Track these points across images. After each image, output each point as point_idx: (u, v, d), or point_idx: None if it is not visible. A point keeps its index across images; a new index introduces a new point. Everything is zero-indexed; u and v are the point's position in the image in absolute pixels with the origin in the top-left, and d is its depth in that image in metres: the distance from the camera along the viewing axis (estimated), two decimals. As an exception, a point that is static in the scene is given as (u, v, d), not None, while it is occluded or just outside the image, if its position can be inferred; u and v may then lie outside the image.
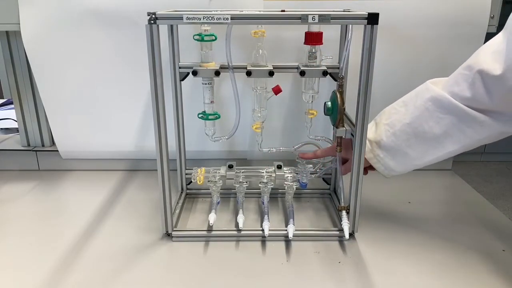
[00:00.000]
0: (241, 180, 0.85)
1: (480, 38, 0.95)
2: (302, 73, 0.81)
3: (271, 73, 0.81)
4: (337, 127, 0.76)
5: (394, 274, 0.69)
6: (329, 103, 0.77)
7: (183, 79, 0.87)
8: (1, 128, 1.28)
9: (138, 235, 0.80)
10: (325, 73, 0.81)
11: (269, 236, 0.76)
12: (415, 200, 0.94)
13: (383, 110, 0.78)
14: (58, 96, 1.02)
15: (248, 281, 0.68)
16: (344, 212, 0.79)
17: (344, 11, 0.75)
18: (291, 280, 0.68)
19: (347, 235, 0.76)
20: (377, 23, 0.65)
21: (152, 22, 0.64)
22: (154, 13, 0.64)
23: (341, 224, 0.77)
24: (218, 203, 0.84)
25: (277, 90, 0.82)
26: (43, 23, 0.94)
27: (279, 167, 0.87)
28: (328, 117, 0.79)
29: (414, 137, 0.72)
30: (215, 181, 0.83)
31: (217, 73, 0.81)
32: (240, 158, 1.07)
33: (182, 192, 0.94)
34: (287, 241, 0.77)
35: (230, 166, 0.88)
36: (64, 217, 0.88)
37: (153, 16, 0.64)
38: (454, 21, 0.94)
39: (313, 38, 0.80)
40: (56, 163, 1.09)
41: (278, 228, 0.79)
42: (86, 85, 1.00)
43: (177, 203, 0.89)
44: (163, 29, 0.77)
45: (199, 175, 0.86)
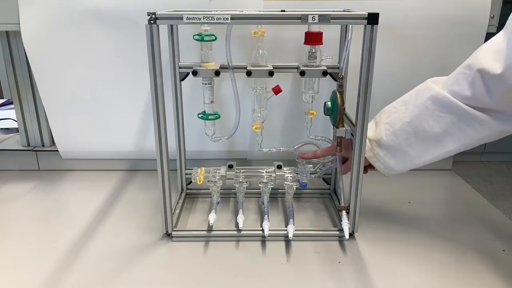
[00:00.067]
0: (241, 180, 0.85)
1: (480, 38, 0.95)
2: (302, 73, 0.81)
3: (271, 73, 0.81)
4: (337, 127, 0.76)
5: (394, 274, 0.69)
6: (329, 103, 0.77)
7: (183, 79, 0.87)
8: (1, 128, 1.28)
9: (138, 235, 0.80)
10: (325, 73, 0.81)
11: (269, 236, 0.77)
12: (415, 200, 0.94)
13: (383, 109, 0.78)
14: (58, 96, 1.02)
15: (248, 281, 0.68)
16: (344, 212, 0.79)
17: (344, 11, 0.75)
18: (291, 280, 0.68)
19: (347, 235, 0.76)
20: (377, 23, 0.65)
21: (152, 22, 0.64)
22: (154, 13, 0.64)
23: (341, 224, 0.77)
24: (218, 203, 0.84)
25: (277, 90, 0.82)
26: (43, 23, 0.94)
27: (279, 167, 0.87)
28: (328, 117, 0.79)
29: (414, 136, 0.72)
30: (215, 181, 0.83)
31: (217, 73, 0.81)
32: (240, 158, 1.07)
33: (182, 192, 0.94)
34: (287, 241, 0.77)
35: (230, 166, 0.88)
36: (64, 217, 0.88)
37: (153, 16, 0.64)
38: (454, 21, 0.94)
39: (313, 38, 0.80)
40: (56, 163, 1.09)
41: (278, 228, 0.79)
42: (86, 85, 1.00)
43: (177, 203, 0.89)
44: (163, 29, 0.77)
45: (199, 175, 0.86)
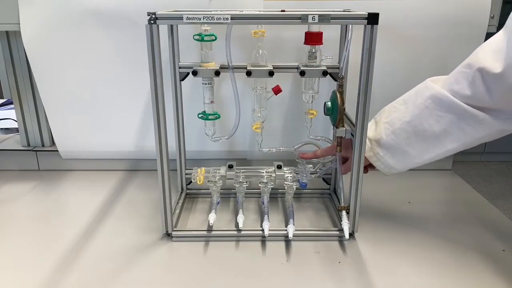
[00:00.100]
0: (241, 180, 0.85)
1: (480, 38, 0.95)
2: (302, 73, 0.81)
3: (271, 73, 0.81)
4: (337, 127, 0.76)
5: (394, 274, 0.69)
6: (329, 103, 0.77)
7: (183, 79, 0.87)
8: (1, 128, 1.28)
9: (138, 235, 0.80)
10: (325, 73, 0.81)
11: (269, 236, 0.76)
12: (415, 200, 0.94)
13: (383, 109, 0.78)
14: (58, 96, 1.02)
15: (248, 281, 0.68)
16: (344, 212, 0.79)
17: (344, 11, 0.75)
18: (291, 280, 0.68)
19: (347, 235, 0.76)
20: (377, 23, 0.65)
21: (152, 22, 0.64)
22: (154, 13, 0.64)
23: (341, 224, 0.77)
24: (218, 203, 0.84)
25: (277, 90, 0.82)
26: (43, 23, 0.94)
27: (279, 167, 0.87)
28: (328, 117, 0.79)
29: (414, 135, 0.72)
30: (215, 181, 0.83)
31: (217, 73, 0.81)
32: (240, 158, 1.07)
33: (182, 192, 0.94)
34: (287, 241, 0.77)
35: (230, 166, 0.88)
36: (64, 217, 0.88)
37: (153, 16, 0.64)
38: (454, 21, 0.94)
39: (313, 38, 0.80)
40: (56, 163, 1.09)
41: (278, 228, 0.79)
42: (86, 85, 1.00)
43: (177, 203, 0.89)
44: (163, 29, 0.77)
45: (199, 175, 0.86)
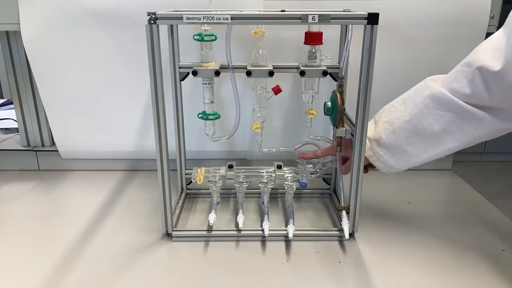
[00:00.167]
0: (241, 180, 0.85)
1: (480, 38, 0.94)
2: (302, 73, 0.81)
3: (271, 73, 0.81)
4: (337, 127, 0.76)
5: (394, 274, 0.69)
6: (329, 103, 0.77)
7: (183, 79, 0.87)
8: (1, 128, 1.28)
9: (138, 235, 0.80)
10: (325, 73, 0.81)
11: (269, 236, 0.76)
12: (415, 200, 0.94)
13: (383, 108, 0.78)
14: (58, 96, 1.02)
15: (248, 281, 0.68)
16: (344, 212, 0.79)
17: (344, 11, 0.75)
18: (291, 280, 0.68)
19: (347, 235, 0.76)
20: (377, 23, 0.65)
21: (152, 22, 0.64)
22: (154, 13, 0.64)
23: (341, 224, 0.77)
24: (218, 203, 0.84)
25: (277, 90, 0.82)
26: (43, 23, 0.94)
27: (279, 167, 0.87)
28: (328, 117, 0.79)
29: (413, 135, 0.72)
30: (215, 181, 0.83)
31: (217, 73, 0.81)
32: (240, 158, 1.07)
33: (182, 192, 0.94)
34: (287, 241, 0.77)
35: (230, 166, 0.88)
36: (64, 217, 0.88)
37: (153, 16, 0.64)
38: (454, 21, 0.94)
39: (313, 38, 0.80)
40: (56, 163, 1.09)
41: (278, 228, 0.79)
42: (86, 85, 1.00)
43: (177, 203, 0.89)
44: (163, 29, 0.77)
45: (199, 175, 0.86)
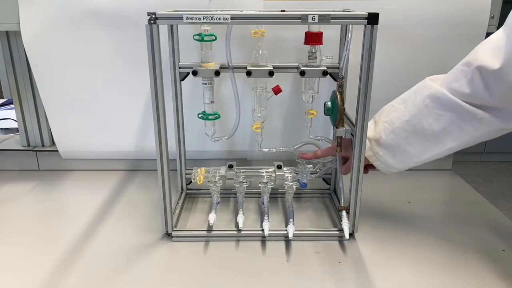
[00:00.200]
0: (241, 180, 0.85)
1: (480, 38, 0.94)
2: (302, 73, 0.81)
3: (271, 73, 0.81)
4: (337, 127, 0.76)
5: (394, 274, 0.69)
6: (329, 103, 0.77)
7: (183, 79, 0.87)
8: (1, 128, 1.28)
9: (138, 235, 0.80)
10: (325, 73, 0.81)
11: (269, 236, 0.76)
12: (415, 200, 0.94)
13: (382, 108, 0.78)
14: (58, 96, 1.02)
15: (248, 281, 0.68)
16: (344, 212, 0.79)
17: (344, 11, 0.75)
18: (291, 280, 0.68)
19: (347, 235, 0.76)
20: (377, 23, 0.65)
21: (152, 22, 0.64)
22: (154, 13, 0.64)
23: (341, 224, 0.77)
24: (218, 203, 0.84)
25: (277, 90, 0.82)
26: (43, 23, 0.94)
27: (279, 167, 0.87)
28: (328, 117, 0.79)
29: (413, 135, 0.72)
30: (215, 181, 0.83)
31: (217, 73, 0.81)
32: (240, 158, 1.07)
33: (182, 192, 0.94)
34: (287, 241, 0.77)
35: (230, 166, 0.87)
36: (64, 217, 0.88)
37: (153, 16, 0.64)
38: (454, 21, 0.94)
39: (313, 38, 0.80)
40: (56, 163, 1.09)
41: (278, 228, 0.79)
42: (86, 85, 1.00)
43: (177, 203, 0.89)
44: (163, 29, 0.77)
45: (199, 175, 0.86)
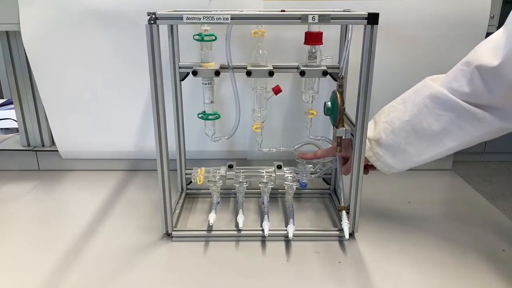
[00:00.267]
0: (241, 180, 0.85)
1: (480, 38, 0.94)
2: (302, 73, 0.81)
3: (271, 73, 0.81)
4: (337, 127, 0.76)
5: (394, 274, 0.69)
6: (329, 103, 0.77)
7: (183, 79, 0.87)
8: (1, 128, 1.28)
9: (138, 235, 0.80)
10: (325, 73, 0.81)
11: (269, 236, 0.76)
12: (415, 200, 0.94)
13: (382, 109, 0.78)
14: (58, 96, 1.02)
15: (248, 281, 0.68)
16: (344, 212, 0.79)
17: (344, 11, 0.75)
18: (291, 280, 0.68)
19: (347, 235, 0.76)
20: (377, 23, 0.65)
21: (152, 22, 0.64)
22: (154, 13, 0.64)
23: (341, 224, 0.77)
24: (218, 203, 0.84)
25: (277, 90, 0.82)
26: (43, 23, 0.94)
27: (279, 167, 0.87)
28: (328, 117, 0.79)
29: (413, 135, 0.72)
30: (215, 181, 0.83)
31: (217, 73, 0.81)
32: (240, 158, 1.07)
33: (182, 192, 0.94)
34: (287, 241, 0.77)
35: (230, 166, 0.87)
36: (64, 217, 0.88)
37: (153, 16, 0.64)
38: (454, 21, 0.94)
39: (313, 38, 0.80)
40: (56, 163, 1.09)
41: (278, 228, 0.79)
42: (86, 85, 1.00)
43: (177, 203, 0.89)
44: (163, 29, 0.77)
45: (199, 175, 0.86)
